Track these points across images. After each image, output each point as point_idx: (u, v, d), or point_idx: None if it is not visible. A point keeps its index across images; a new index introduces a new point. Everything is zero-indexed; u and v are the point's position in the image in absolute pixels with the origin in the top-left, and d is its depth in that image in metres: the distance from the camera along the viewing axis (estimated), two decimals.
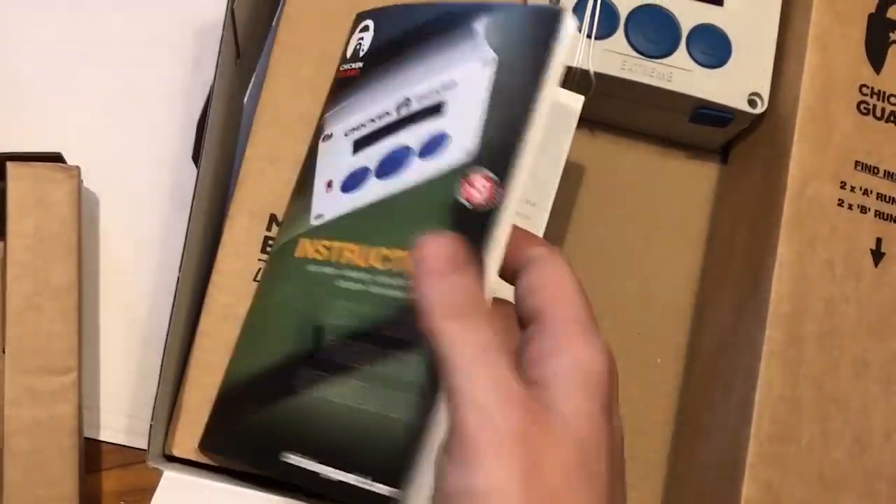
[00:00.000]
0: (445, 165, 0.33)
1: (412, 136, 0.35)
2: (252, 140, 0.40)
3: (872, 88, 0.43)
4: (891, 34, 0.44)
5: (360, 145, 0.37)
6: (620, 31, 0.43)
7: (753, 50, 0.44)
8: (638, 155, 0.48)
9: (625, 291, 0.46)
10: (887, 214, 0.42)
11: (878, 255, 0.41)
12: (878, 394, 0.40)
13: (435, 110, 0.34)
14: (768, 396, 0.39)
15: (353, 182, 0.36)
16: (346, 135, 0.38)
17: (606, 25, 0.43)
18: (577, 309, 0.28)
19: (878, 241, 0.41)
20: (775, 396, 0.39)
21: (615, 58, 0.43)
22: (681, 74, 0.43)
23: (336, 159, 0.38)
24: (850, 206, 0.41)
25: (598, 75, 0.42)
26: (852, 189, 0.42)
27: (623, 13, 0.43)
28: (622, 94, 0.44)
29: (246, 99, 0.44)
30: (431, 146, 0.34)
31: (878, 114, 0.42)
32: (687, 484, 0.43)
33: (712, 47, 0.43)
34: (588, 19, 0.42)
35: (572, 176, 0.47)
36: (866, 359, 0.40)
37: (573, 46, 0.42)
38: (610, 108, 0.46)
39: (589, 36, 0.42)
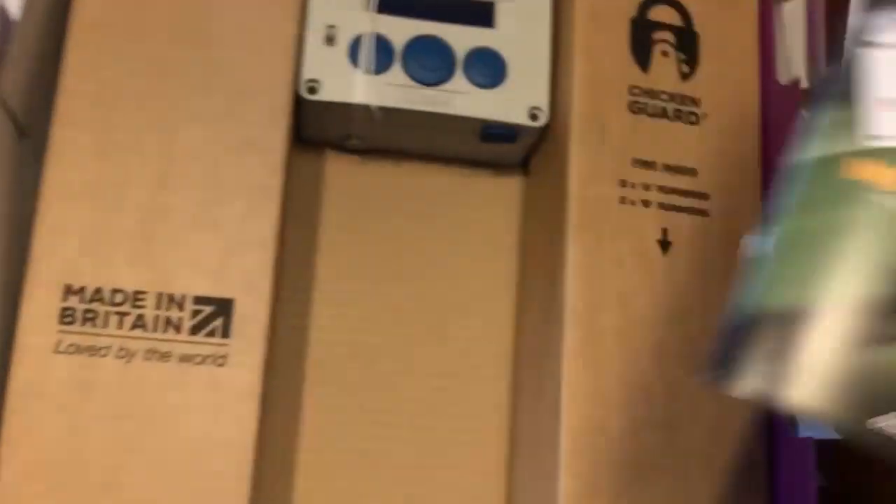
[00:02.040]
0: None
1: None
2: (40, 213, 0.41)
3: (642, 88, 0.46)
4: (653, 34, 0.47)
5: None
6: (398, 64, 0.45)
7: (529, 66, 0.46)
8: (446, 178, 0.50)
9: (448, 310, 0.48)
10: (670, 205, 0.44)
11: (665, 245, 0.44)
12: (681, 377, 0.42)
13: None
14: (574, 392, 0.41)
15: None
16: None
17: (384, 60, 0.45)
18: None
19: (664, 231, 0.44)
20: (580, 391, 0.41)
21: (395, 90, 0.45)
22: (460, 98, 0.45)
23: None
24: (632, 203, 0.44)
25: (381, 109, 0.44)
26: (633, 186, 0.44)
27: (398, 46, 0.45)
28: (411, 123, 0.46)
29: None
30: None
31: (650, 111, 0.46)
32: (521, 489, 0.45)
33: (488, 68, 0.46)
34: (365, 56, 0.44)
35: (386, 207, 0.49)
36: (666, 345, 0.43)
37: (352, 84, 0.44)
38: (406, 138, 0.48)
39: (367, 71, 0.44)
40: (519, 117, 0.46)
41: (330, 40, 0.45)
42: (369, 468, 0.45)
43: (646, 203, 0.44)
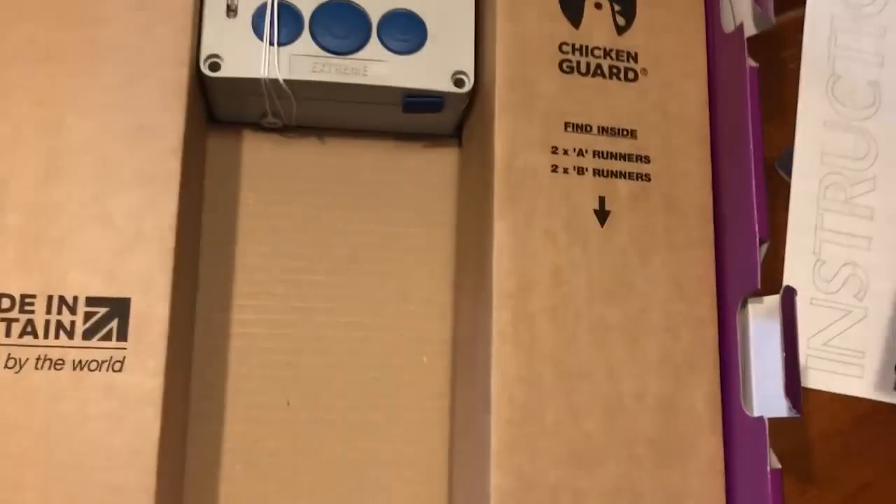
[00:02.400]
0: None
1: None
2: None
3: (574, 45, 0.42)
4: None
5: None
6: (306, 33, 0.42)
7: (451, 28, 0.43)
8: (373, 154, 0.47)
9: (383, 295, 0.45)
10: (606, 171, 0.41)
11: (602, 215, 0.41)
12: (623, 357, 0.39)
13: None
14: (504, 380, 0.38)
15: None
16: None
17: (291, 30, 0.42)
18: None
19: (601, 199, 0.41)
20: (511, 379, 0.38)
21: (304, 61, 0.41)
22: (377, 66, 0.42)
23: None
24: (565, 170, 0.41)
25: (291, 83, 0.41)
26: (565, 152, 0.41)
27: (306, 14, 0.42)
28: (327, 97, 0.43)
29: None
30: None
31: (583, 69, 0.42)
32: (459, 486, 0.42)
33: (407, 33, 0.42)
34: (268, 26, 0.41)
35: (311, 188, 0.46)
36: (606, 323, 0.39)
37: (257, 57, 0.41)
38: (326, 113, 0.45)
39: (272, 43, 0.41)
40: (442, 84, 0.42)
41: (231, 11, 0.41)
42: (301, 468, 0.43)
43: (580, 170, 0.41)
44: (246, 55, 0.41)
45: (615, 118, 0.42)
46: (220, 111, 0.45)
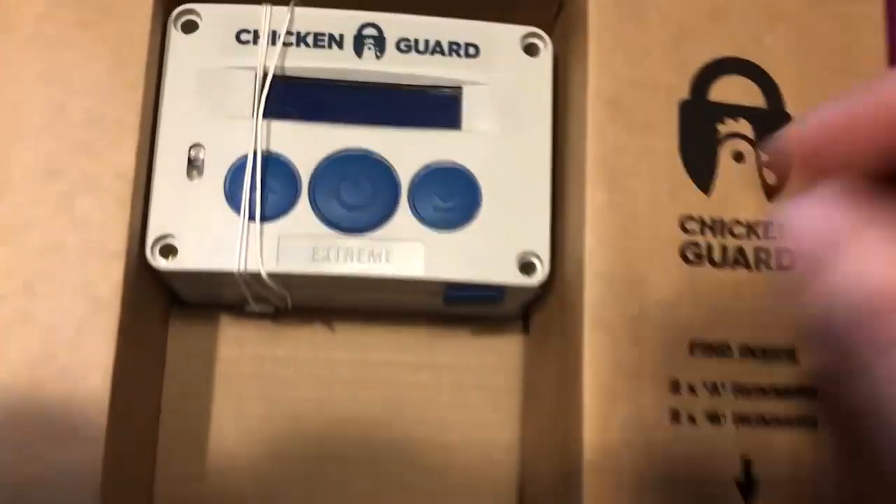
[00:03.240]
0: None
1: None
2: None
3: (702, 220, 0.28)
4: (720, 126, 0.29)
5: None
6: (304, 201, 0.28)
7: (517, 191, 0.29)
8: (406, 347, 0.33)
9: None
10: (754, 417, 0.27)
11: (748, 488, 0.27)
12: None
13: None
14: None
15: None
16: None
17: (282, 196, 0.28)
18: None
19: (746, 463, 0.27)
20: None
21: (301, 244, 0.28)
22: (406, 249, 0.28)
23: None
24: (691, 419, 0.27)
25: (281, 276, 0.28)
26: (692, 389, 0.27)
27: (305, 173, 0.28)
28: (333, 287, 0.30)
29: None
30: None
31: (717, 257, 0.28)
32: None
33: (452, 198, 0.29)
34: (247, 191, 0.28)
35: (317, 394, 0.33)
36: None
37: (230, 239, 0.28)
38: (333, 295, 0.31)
39: (253, 217, 0.28)
40: (502, 272, 0.29)
41: (194, 169, 0.28)
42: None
43: (714, 418, 0.27)
44: (214, 236, 0.28)
45: (766, 333, 0.28)
46: (181, 296, 0.32)
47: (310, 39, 0.30)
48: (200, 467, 0.32)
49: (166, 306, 0.32)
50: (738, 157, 0.29)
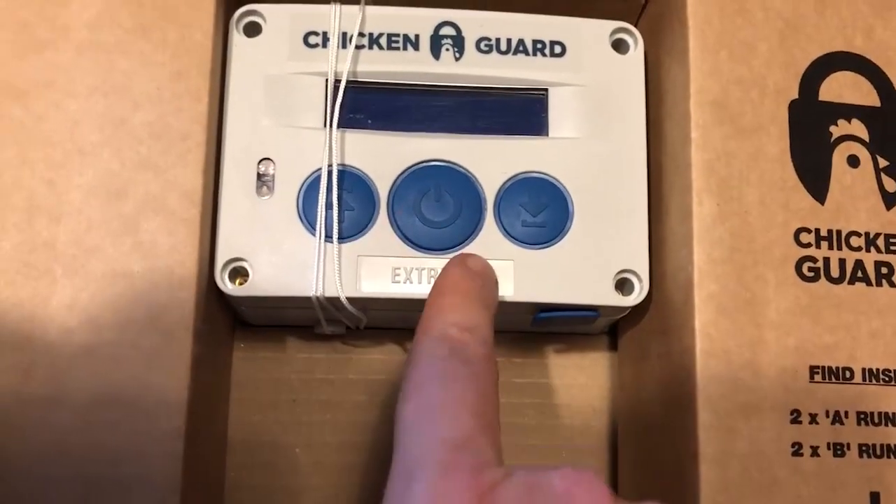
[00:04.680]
0: None
1: None
2: None
3: (818, 232, 0.26)
4: (832, 129, 0.27)
5: None
6: (383, 218, 0.26)
7: (611, 204, 0.27)
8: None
9: None
10: (880, 447, 0.25)
11: None
12: None
13: None
14: None
15: None
16: None
17: (360, 214, 0.26)
18: None
19: (874, 496, 0.25)
20: None
21: (380, 266, 0.26)
22: (493, 267, 0.26)
23: None
24: (814, 452, 0.25)
25: (356, 301, 0.26)
26: (813, 419, 0.25)
27: (383, 188, 0.26)
28: (413, 310, 0.27)
29: None
30: None
31: (835, 272, 0.26)
32: None
33: (541, 212, 0.27)
34: (322, 210, 0.26)
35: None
36: None
37: (305, 262, 0.26)
38: (414, 316, 0.29)
39: (330, 237, 0.26)
40: (597, 292, 0.26)
41: (264, 186, 0.26)
42: None
43: (838, 449, 0.25)
44: (288, 258, 0.26)
45: (891, 354, 0.26)
46: (248, 318, 0.30)
47: (383, 41, 0.27)
48: (269, 496, 0.30)
49: (231, 329, 0.30)
50: (853, 161, 0.27)
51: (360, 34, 0.27)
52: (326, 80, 0.27)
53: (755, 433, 0.24)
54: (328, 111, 0.26)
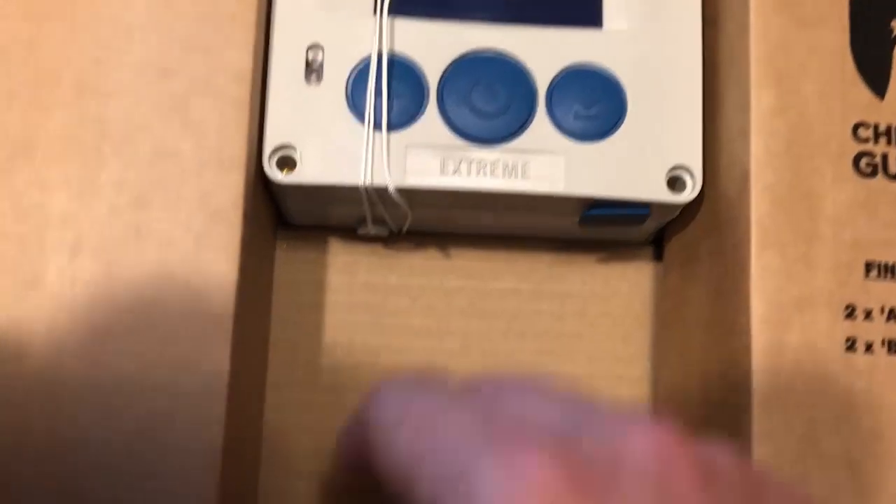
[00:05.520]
0: None
1: None
2: None
3: (877, 127, 0.26)
4: (893, 23, 0.26)
5: None
6: (432, 108, 0.26)
7: (665, 97, 0.26)
8: (527, 274, 0.31)
9: None
10: None
11: None
12: None
13: None
14: None
15: None
16: None
17: (408, 102, 0.26)
18: None
19: None
20: None
21: (429, 156, 0.26)
22: (544, 161, 0.26)
23: None
24: (868, 348, 0.24)
25: (405, 192, 0.26)
26: (868, 315, 0.25)
27: (432, 77, 0.26)
28: (458, 206, 0.27)
29: None
30: None
31: (893, 169, 0.25)
32: None
33: (595, 104, 0.26)
34: (371, 97, 0.26)
35: (433, 324, 0.31)
36: None
37: (354, 150, 0.26)
38: (452, 216, 0.29)
39: (379, 126, 0.26)
40: (649, 188, 0.26)
41: (313, 73, 0.26)
42: None
43: (894, 348, 0.25)
44: (337, 147, 0.26)
45: None
46: (292, 216, 0.30)
47: None
48: (310, 396, 0.30)
49: (274, 228, 0.30)
50: None
51: None
52: None
53: (808, 326, 0.24)
54: None
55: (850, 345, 0.24)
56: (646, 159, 0.26)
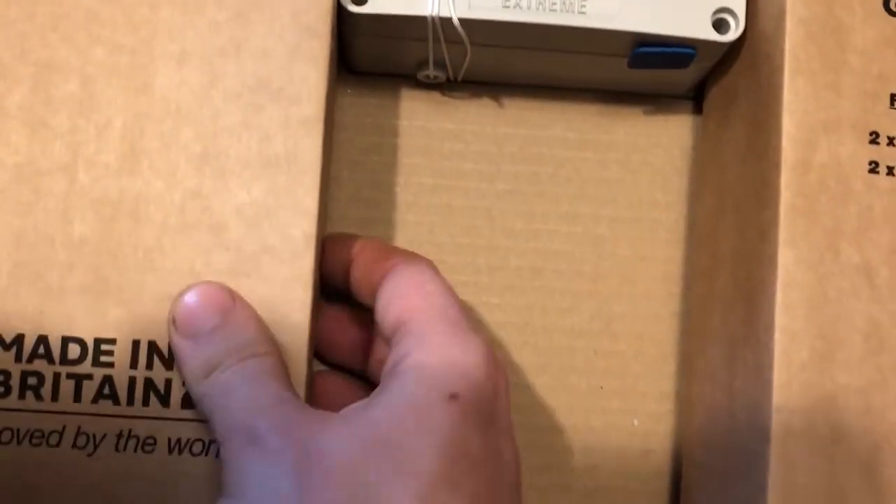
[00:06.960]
0: None
1: None
2: None
3: None
4: None
5: None
6: None
7: None
8: (572, 122, 0.34)
9: (576, 327, 0.33)
10: None
11: None
12: None
13: None
14: None
15: None
16: None
17: None
18: (442, 308, 0.26)
19: None
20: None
21: None
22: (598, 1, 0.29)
23: None
24: (890, 171, 0.27)
25: (470, 23, 0.29)
26: (892, 141, 0.27)
27: None
28: (515, 44, 0.30)
29: None
30: None
31: None
32: None
33: None
34: None
35: (485, 167, 0.34)
36: None
37: None
38: (505, 63, 0.32)
39: None
40: (696, 27, 0.29)
41: None
42: None
43: None
44: None
45: None
46: (358, 60, 0.33)
47: None
48: (367, 230, 0.33)
49: (336, 73, 0.33)
50: None
51: None
52: None
53: (834, 147, 0.27)
54: None
55: (873, 167, 0.27)
56: (693, 1, 0.29)
